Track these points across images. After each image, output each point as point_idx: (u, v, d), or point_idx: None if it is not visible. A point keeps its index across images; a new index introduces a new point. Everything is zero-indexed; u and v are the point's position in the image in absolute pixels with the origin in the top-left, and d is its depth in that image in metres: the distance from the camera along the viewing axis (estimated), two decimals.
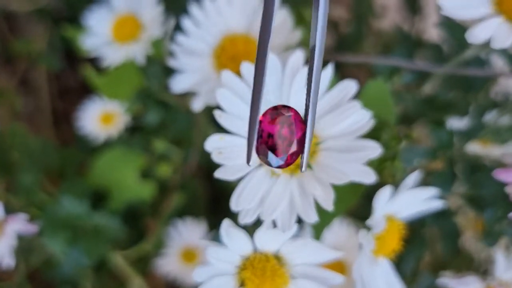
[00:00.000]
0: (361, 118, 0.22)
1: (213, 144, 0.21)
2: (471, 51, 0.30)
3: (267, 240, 0.23)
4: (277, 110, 0.18)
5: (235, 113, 0.21)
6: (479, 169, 0.34)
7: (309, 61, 0.18)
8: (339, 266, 0.38)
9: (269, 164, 0.18)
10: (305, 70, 0.23)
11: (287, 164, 0.18)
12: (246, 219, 0.21)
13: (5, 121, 0.41)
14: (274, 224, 0.22)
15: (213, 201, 0.58)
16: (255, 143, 0.18)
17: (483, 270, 0.45)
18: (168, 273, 0.50)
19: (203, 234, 0.50)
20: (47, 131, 0.65)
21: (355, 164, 0.22)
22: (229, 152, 0.21)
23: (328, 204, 0.21)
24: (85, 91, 0.67)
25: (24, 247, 0.39)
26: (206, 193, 0.58)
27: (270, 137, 0.17)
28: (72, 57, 0.63)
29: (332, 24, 0.65)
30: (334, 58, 0.30)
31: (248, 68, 0.22)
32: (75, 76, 0.69)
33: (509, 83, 0.40)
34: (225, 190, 0.56)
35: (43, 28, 0.61)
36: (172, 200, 0.52)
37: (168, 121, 0.44)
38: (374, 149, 0.22)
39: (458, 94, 0.35)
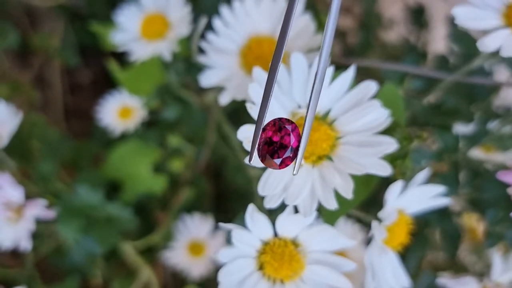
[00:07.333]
0: (380, 116, 0.24)
1: (243, 133, 0.23)
2: (479, 60, 0.32)
3: (287, 226, 0.25)
4: (280, 122, 0.20)
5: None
6: (482, 173, 0.36)
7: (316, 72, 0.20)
8: None
9: (267, 165, 0.21)
10: (329, 71, 0.25)
11: (281, 167, 0.20)
12: (271, 203, 0.23)
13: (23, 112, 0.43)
14: (296, 210, 0.24)
15: (219, 199, 0.60)
16: (257, 146, 0.20)
17: (480, 273, 0.46)
18: (175, 265, 0.51)
19: (210, 229, 0.51)
20: (58, 124, 0.67)
21: (372, 158, 0.24)
22: None
23: (348, 193, 0.23)
24: (96, 87, 0.69)
25: (35, 234, 0.41)
26: (213, 191, 0.59)
27: (272, 143, 0.20)
28: (86, 54, 0.65)
29: (340, 34, 0.67)
30: (345, 62, 0.32)
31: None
32: (88, 73, 0.70)
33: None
34: (231, 189, 0.58)
35: (61, 24, 0.63)
36: (182, 195, 0.53)
37: (184, 117, 0.46)
38: (390, 144, 0.24)
39: (464, 102, 0.37)
